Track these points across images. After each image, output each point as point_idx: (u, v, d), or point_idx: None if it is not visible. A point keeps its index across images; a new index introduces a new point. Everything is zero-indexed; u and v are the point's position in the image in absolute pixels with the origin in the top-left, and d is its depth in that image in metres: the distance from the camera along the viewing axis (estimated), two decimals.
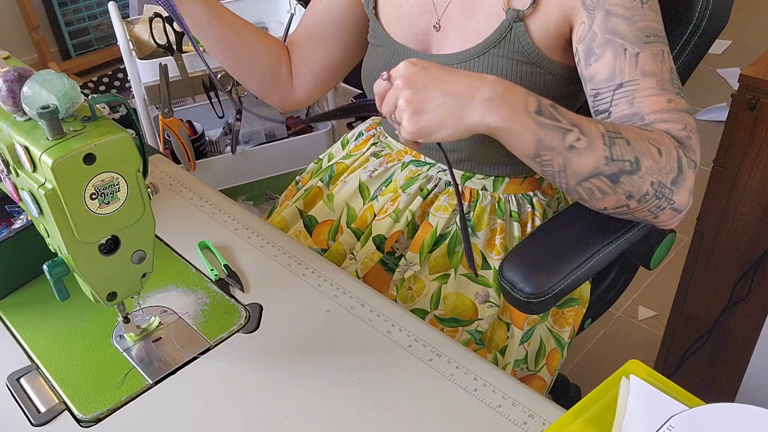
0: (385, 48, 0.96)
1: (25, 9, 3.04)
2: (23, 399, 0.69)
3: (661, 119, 0.76)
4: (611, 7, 0.78)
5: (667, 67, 0.78)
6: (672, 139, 0.75)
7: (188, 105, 1.79)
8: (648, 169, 0.73)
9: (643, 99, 0.77)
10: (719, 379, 1.43)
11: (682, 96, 0.78)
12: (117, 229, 0.64)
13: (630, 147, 0.72)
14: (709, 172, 1.21)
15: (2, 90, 0.60)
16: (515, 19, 0.83)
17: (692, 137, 0.77)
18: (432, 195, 0.98)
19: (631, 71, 0.77)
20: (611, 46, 0.78)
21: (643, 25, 0.78)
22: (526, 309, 0.84)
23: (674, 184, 0.74)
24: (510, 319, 0.95)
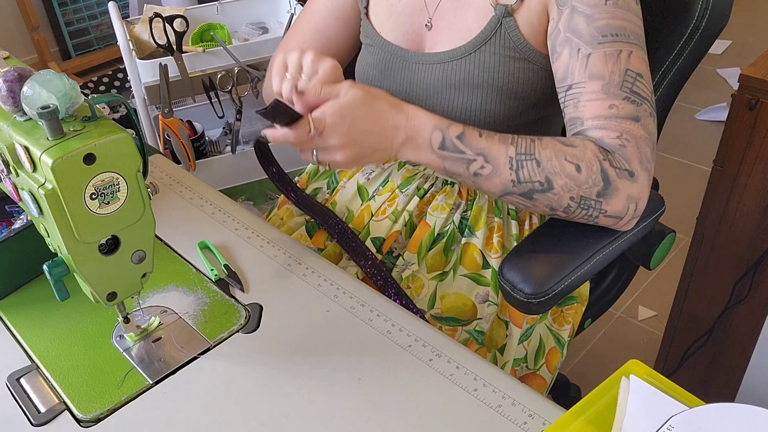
0: (377, 47, 0.96)
1: (25, 9, 3.04)
2: (23, 399, 0.69)
3: (596, 126, 0.77)
4: (577, 3, 0.78)
5: (621, 69, 0.77)
6: (596, 153, 0.75)
7: (188, 105, 1.79)
8: (563, 186, 0.75)
9: (585, 103, 0.77)
10: (719, 379, 1.43)
11: (631, 101, 0.76)
12: (117, 229, 0.64)
13: (540, 168, 0.75)
14: (709, 172, 1.21)
15: (2, 90, 0.60)
16: (504, 14, 0.83)
17: (627, 146, 0.76)
18: (429, 194, 0.98)
19: (580, 73, 0.77)
20: (568, 45, 0.78)
21: (601, 24, 0.77)
22: (526, 309, 0.84)
23: (601, 195, 0.75)
24: (508, 318, 0.95)
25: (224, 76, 1.69)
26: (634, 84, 0.77)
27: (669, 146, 2.49)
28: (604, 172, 0.75)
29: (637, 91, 0.77)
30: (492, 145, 0.76)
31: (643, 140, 0.77)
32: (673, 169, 2.43)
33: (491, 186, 0.77)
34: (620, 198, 0.76)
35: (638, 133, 0.76)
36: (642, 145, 0.76)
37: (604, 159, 0.75)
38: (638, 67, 0.77)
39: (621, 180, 0.75)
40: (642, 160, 0.76)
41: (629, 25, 0.78)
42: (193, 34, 1.76)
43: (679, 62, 0.95)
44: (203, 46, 1.70)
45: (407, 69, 0.93)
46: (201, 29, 1.77)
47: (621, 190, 0.75)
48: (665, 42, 0.95)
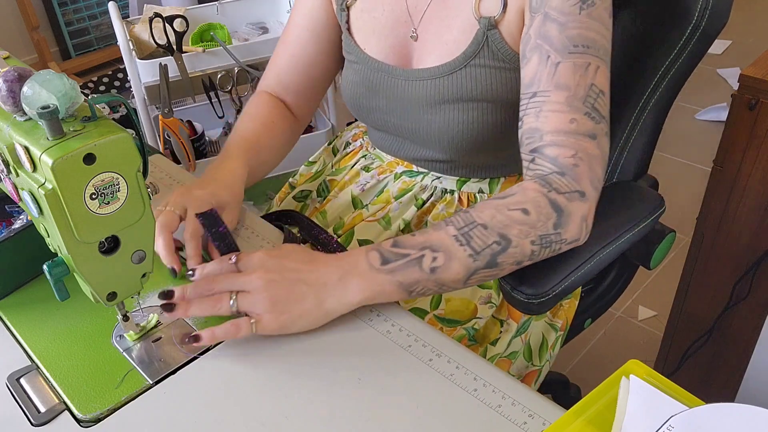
0: (362, 65, 0.94)
1: (25, 9, 3.04)
2: (23, 399, 0.69)
3: (554, 142, 0.75)
4: (549, 10, 0.76)
5: (587, 83, 0.75)
6: (538, 188, 0.74)
7: (188, 105, 1.79)
8: (519, 234, 0.72)
9: (548, 114, 0.76)
10: (719, 379, 1.43)
11: (592, 117, 0.75)
12: (117, 229, 0.64)
13: (488, 229, 0.72)
14: (709, 172, 1.21)
15: (2, 90, 0.60)
16: (488, 27, 0.82)
17: (580, 165, 0.75)
18: (429, 204, 0.97)
19: (547, 81, 0.76)
20: (538, 51, 0.77)
21: (574, 33, 0.75)
22: (527, 309, 0.84)
23: (558, 226, 0.74)
24: (505, 317, 0.95)
25: (224, 76, 1.69)
26: (596, 100, 0.76)
27: (669, 146, 2.49)
28: (553, 202, 0.74)
29: (598, 108, 0.76)
30: (429, 236, 0.73)
31: (596, 159, 0.76)
32: (673, 169, 2.44)
33: (454, 274, 0.72)
34: (575, 221, 0.75)
35: (593, 151, 0.76)
36: (594, 165, 0.76)
37: (549, 190, 0.74)
38: (602, 84, 0.77)
39: (572, 203, 0.74)
40: (593, 179, 0.76)
41: (600, 39, 0.76)
42: (193, 34, 1.76)
43: (679, 62, 0.95)
44: (203, 46, 1.70)
45: (396, 86, 0.91)
46: (201, 29, 1.77)
47: (573, 214, 0.74)
48: (665, 42, 0.95)
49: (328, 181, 1.08)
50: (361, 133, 1.11)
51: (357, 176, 1.04)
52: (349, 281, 0.72)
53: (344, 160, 1.09)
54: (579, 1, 0.75)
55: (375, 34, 0.92)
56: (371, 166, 1.04)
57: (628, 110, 1.01)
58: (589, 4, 0.75)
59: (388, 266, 0.72)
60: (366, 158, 1.06)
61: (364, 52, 0.93)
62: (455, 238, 0.72)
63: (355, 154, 1.08)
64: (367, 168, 1.04)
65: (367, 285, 0.72)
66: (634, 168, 1.05)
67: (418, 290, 0.73)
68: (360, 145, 1.09)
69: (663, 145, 1.05)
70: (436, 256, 0.72)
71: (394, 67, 0.91)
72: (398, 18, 0.90)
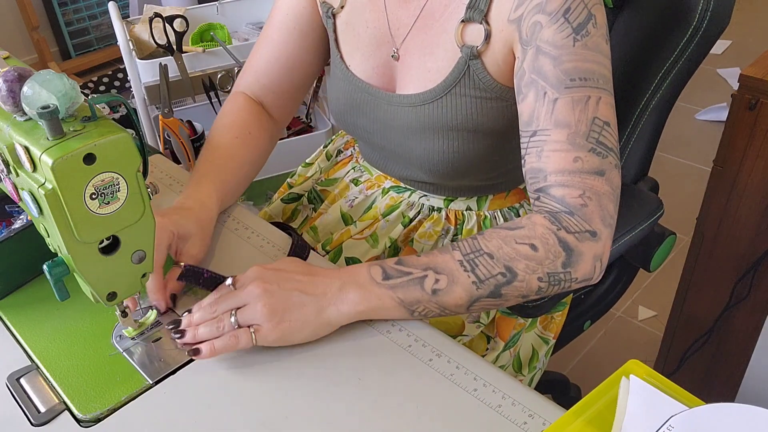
0: (347, 82, 0.92)
1: (25, 9, 3.04)
2: (23, 399, 0.69)
3: (559, 182, 0.73)
4: (541, 44, 0.73)
5: (588, 117, 0.72)
6: (547, 225, 0.72)
7: (188, 105, 1.79)
8: (525, 269, 0.70)
9: (549, 154, 0.73)
10: (719, 379, 1.43)
11: (597, 153, 0.72)
12: (117, 229, 0.64)
13: (495, 260, 0.70)
14: (709, 172, 1.21)
15: (2, 90, 0.60)
16: (470, 57, 0.79)
17: (589, 204, 0.72)
18: (416, 221, 0.96)
19: (546, 119, 0.73)
20: (534, 87, 0.74)
21: (569, 67, 0.72)
22: (523, 312, 0.85)
23: (567, 266, 0.71)
24: (494, 333, 0.94)
25: (224, 76, 1.69)
26: (600, 134, 0.73)
27: (669, 146, 2.50)
28: (562, 242, 0.71)
29: (604, 141, 0.73)
30: (434, 257, 0.72)
31: (606, 196, 0.73)
32: (673, 169, 2.44)
33: (456, 298, 0.70)
34: (587, 261, 0.72)
35: (601, 189, 0.73)
36: (605, 202, 0.73)
37: (559, 228, 0.72)
38: (606, 115, 0.73)
39: (584, 243, 0.72)
40: (604, 217, 0.73)
41: (598, 68, 0.73)
42: (193, 34, 1.76)
43: (680, 63, 0.95)
44: (203, 46, 1.70)
45: (379, 108, 0.90)
46: (201, 29, 1.77)
47: (585, 254, 0.72)
48: (666, 44, 0.95)
49: (320, 191, 1.07)
50: (353, 141, 1.10)
51: (347, 190, 1.03)
52: (349, 291, 0.71)
53: (334, 169, 1.08)
54: (572, 32, 0.72)
55: (359, 51, 0.90)
56: (360, 179, 1.03)
57: (629, 112, 1.01)
58: (584, 34, 0.72)
59: (390, 282, 0.71)
60: (355, 170, 1.05)
61: (349, 69, 0.91)
62: (460, 263, 0.71)
63: (345, 164, 1.07)
64: (356, 181, 1.03)
65: (366, 297, 0.71)
66: (634, 170, 1.05)
67: (420, 310, 0.71)
68: (350, 154, 1.08)
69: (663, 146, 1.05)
70: (438, 278, 0.70)
71: (376, 89, 0.89)
72: (381, 37, 0.88)
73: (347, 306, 0.71)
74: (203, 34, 1.77)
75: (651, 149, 1.04)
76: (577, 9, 0.72)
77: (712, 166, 1.20)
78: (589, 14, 0.72)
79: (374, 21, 0.88)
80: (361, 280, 0.71)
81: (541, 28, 0.73)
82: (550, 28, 0.72)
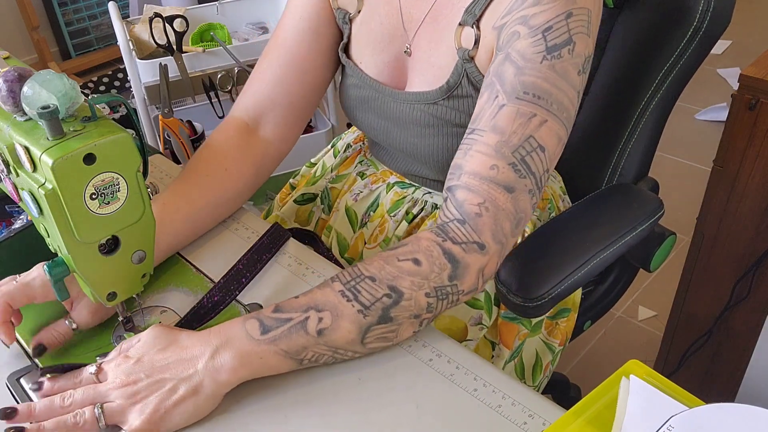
0: (356, 78, 0.93)
1: (25, 9, 3.04)
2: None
3: (467, 184, 0.71)
4: (512, 51, 0.72)
5: (525, 133, 0.70)
6: (432, 237, 0.70)
7: (188, 105, 1.79)
8: (411, 286, 0.67)
9: (473, 153, 0.71)
10: (719, 379, 1.43)
11: (516, 170, 0.70)
12: (117, 229, 0.64)
13: (377, 282, 0.67)
14: (709, 172, 1.21)
15: (2, 90, 0.60)
16: (465, 60, 0.80)
17: (484, 215, 0.70)
18: (418, 219, 0.96)
19: (487, 121, 0.72)
20: (490, 88, 0.73)
21: (528, 80, 0.71)
22: (523, 313, 0.84)
23: (453, 278, 0.69)
24: (498, 339, 0.94)
25: (224, 76, 1.69)
26: (529, 154, 0.70)
27: (669, 146, 2.50)
28: (447, 253, 0.69)
29: (529, 162, 0.70)
30: (314, 295, 0.68)
31: (506, 214, 0.70)
32: (673, 169, 2.44)
33: (345, 333, 0.66)
34: (472, 273, 0.70)
35: (503, 205, 0.70)
36: (501, 219, 0.70)
37: (444, 240, 0.70)
38: (544, 139, 0.71)
39: (470, 255, 0.69)
40: (496, 233, 0.70)
41: (556, 93, 0.71)
42: (193, 34, 1.76)
43: (680, 63, 0.95)
44: (203, 46, 1.70)
45: (386, 105, 0.91)
46: (201, 29, 1.77)
47: (471, 266, 0.70)
48: (666, 43, 0.95)
49: (330, 189, 1.08)
50: (363, 136, 1.11)
51: (353, 183, 1.04)
52: (224, 356, 0.64)
53: (344, 165, 1.09)
54: (545, 50, 0.71)
55: (370, 46, 0.91)
56: (366, 172, 1.04)
57: (629, 112, 1.01)
58: (555, 56, 0.71)
59: (269, 335, 0.65)
60: (362, 163, 1.06)
61: (359, 66, 0.92)
62: (341, 294, 0.67)
63: (354, 158, 1.08)
64: (362, 174, 1.04)
65: (245, 360, 0.65)
66: (634, 170, 1.05)
67: (309, 357, 0.67)
68: (360, 148, 1.09)
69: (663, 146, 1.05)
70: (321, 317, 0.66)
71: (384, 86, 0.90)
72: (394, 31, 0.88)
73: (225, 375, 0.64)
74: (203, 34, 1.77)
75: (651, 149, 1.04)
76: (558, 30, 0.71)
77: (712, 166, 1.20)
78: (568, 39, 0.71)
79: (388, 16, 0.89)
80: (237, 341, 0.65)
81: (517, 38, 0.72)
82: (526, 40, 0.72)
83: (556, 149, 0.73)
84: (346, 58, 0.94)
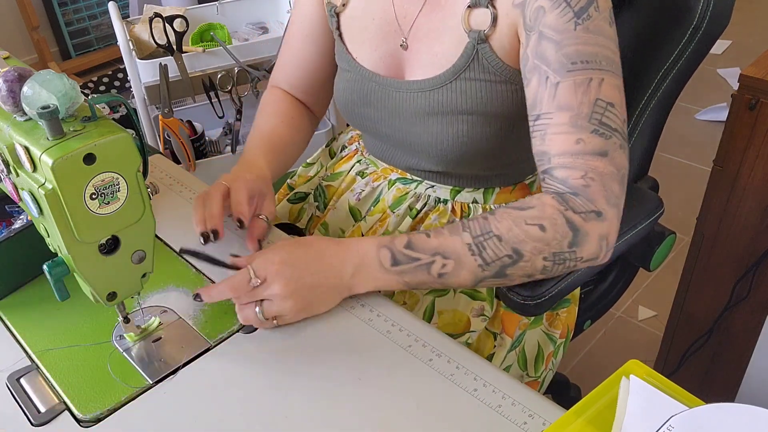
0: (354, 73, 0.93)
1: (25, 9, 3.04)
2: (23, 399, 0.69)
3: (562, 164, 0.74)
4: (544, 29, 0.74)
5: (591, 99, 0.73)
6: (556, 206, 0.73)
7: (188, 105, 1.79)
8: (532, 251, 0.73)
9: (552, 137, 0.74)
10: (719, 379, 1.43)
11: (600, 134, 0.73)
12: (117, 229, 0.64)
13: (503, 242, 0.73)
14: (709, 172, 1.21)
15: (2, 90, 0.60)
16: (479, 41, 0.81)
17: (592, 185, 0.73)
18: (422, 213, 0.96)
19: (549, 103, 0.74)
20: (537, 72, 0.75)
21: (571, 51, 0.73)
22: (523, 311, 0.84)
23: (573, 245, 0.73)
24: (500, 329, 0.94)
25: (224, 76, 1.69)
26: (603, 114, 0.73)
27: (669, 146, 2.50)
28: (569, 222, 0.73)
29: (607, 122, 0.74)
30: (444, 240, 0.74)
31: (610, 176, 0.74)
32: (673, 169, 2.44)
33: (461, 281, 0.74)
34: (592, 241, 0.74)
35: (604, 169, 0.74)
36: (608, 182, 0.74)
37: (566, 209, 0.73)
38: (609, 96, 0.74)
39: (589, 223, 0.73)
40: (609, 197, 0.74)
41: (601, 51, 0.74)
42: (193, 34, 1.76)
43: (680, 63, 0.95)
44: (203, 46, 1.70)
45: (387, 96, 0.91)
46: (201, 29, 1.77)
47: (590, 233, 0.73)
48: (666, 43, 0.95)
49: (325, 187, 1.08)
50: (357, 137, 1.10)
51: (353, 182, 1.04)
52: (360, 276, 0.75)
53: (339, 163, 1.09)
54: (573, 16, 0.73)
55: (366, 42, 0.91)
56: (366, 171, 1.03)
57: (629, 112, 1.01)
58: (585, 18, 0.73)
59: (398, 268, 0.74)
60: (361, 163, 1.05)
61: (356, 61, 0.93)
62: (468, 247, 0.73)
63: (350, 158, 1.08)
64: (362, 174, 1.03)
65: (375, 283, 0.75)
66: (634, 169, 1.05)
67: (423, 288, 0.76)
68: (356, 149, 1.09)
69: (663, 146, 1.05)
70: (446, 263, 0.73)
71: (385, 77, 0.90)
72: (388, 27, 0.89)
73: (358, 289, 0.76)
74: (203, 34, 1.77)
75: (651, 148, 1.04)
76: None
77: (712, 166, 1.20)
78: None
79: (381, 12, 0.90)
80: (371, 267, 0.75)
81: (544, 13, 0.74)
82: (552, 12, 0.74)
83: (621, 99, 0.76)
84: (345, 53, 0.94)
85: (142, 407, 0.68)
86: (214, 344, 0.74)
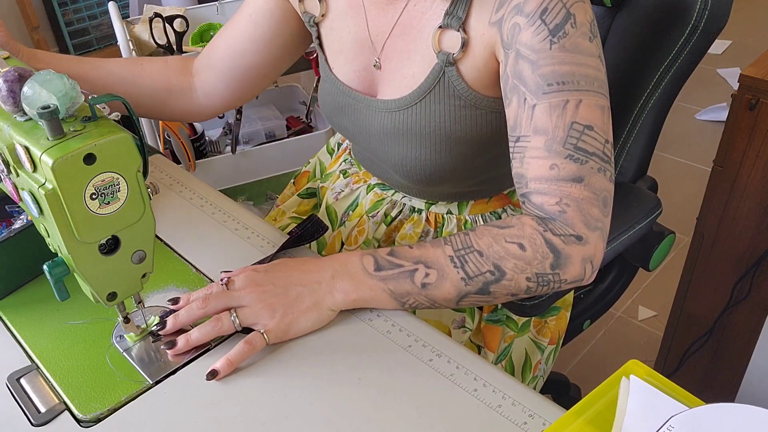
0: (330, 84, 0.92)
1: (25, 9, 3.04)
2: (23, 399, 0.69)
3: (537, 190, 0.73)
4: (520, 47, 0.72)
5: (565, 123, 0.70)
6: (535, 226, 0.72)
7: None
8: (514, 269, 0.71)
9: (529, 160, 0.73)
10: (719, 379, 1.43)
11: (574, 159, 0.71)
12: (117, 229, 0.64)
13: (484, 257, 0.71)
14: (709, 172, 1.21)
15: (2, 90, 0.60)
16: (446, 63, 0.78)
17: (567, 211, 0.72)
18: (396, 221, 0.96)
19: (526, 125, 0.72)
20: (516, 92, 0.73)
21: (546, 71, 0.71)
22: (521, 312, 0.85)
23: (555, 267, 0.72)
24: (481, 342, 0.94)
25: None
26: (579, 139, 0.71)
27: (669, 146, 2.50)
28: (549, 243, 0.71)
29: (583, 147, 0.71)
30: (426, 251, 0.73)
31: (587, 201, 0.72)
32: (673, 169, 2.44)
33: (444, 293, 0.72)
34: (575, 263, 0.72)
35: (579, 195, 0.71)
36: (585, 207, 0.72)
37: (545, 230, 0.72)
38: (587, 118, 0.71)
39: (570, 246, 0.71)
40: (588, 221, 0.72)
41: (579, 69, 0.71)
42: (193, 34, 1.76)
43: (678, 62, 0.95)
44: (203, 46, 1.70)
45: (359, 112, 0.89)
46: (201, 29, 1.77)
47: (574, 257, 0.72)
48: (664, 41, 0.95)
49: (320, 188, 1.08)
50: None
51: (335, 180, 1.04)
52: (341, 281, 0.73)
53: (331, 164, 1.09)
54: (549, 34, 0.70)
55: (342, 54, 0.90)
56: (349, 171, 1.03)
57: (628, 111, 1.01)
58: (561, 36, 0.70)
59: (381, 273, 0.73)
60: (346, 161, 1.05)
61: (332, 72, 0.91)
62: (450, 259, 0.72)
63: (340, 156, 1.08)
64: (345, 173, 1.03)
65: (358, 287, 0.73)
66: (633, 169, 1.05)
67: (410, 302, 0.73)
68: (345, 146, 1.09)
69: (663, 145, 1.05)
70: (428, 273, 0.72)
71: (357, 93, 0.89)
72: (362, 44, 0.87)
73: (340, 295, 0.73)
74: (203, 34, 1.77)
75: (650, 148, 1.04)
76: (554, 9, 0.70)
77: (712, 166, 1.20)
78: (567, 14, 0.70)
79: (355, 26, 0.87)
80: (353, 271, 0.73)
81: (519, 31, 0.72)
82: (528, 30, 0.71)
83: (603, 119, 0.73)
84: (324, 63, 0.92)
85: (142, 407, 0.68)
86: (214, 344, 0.74)
